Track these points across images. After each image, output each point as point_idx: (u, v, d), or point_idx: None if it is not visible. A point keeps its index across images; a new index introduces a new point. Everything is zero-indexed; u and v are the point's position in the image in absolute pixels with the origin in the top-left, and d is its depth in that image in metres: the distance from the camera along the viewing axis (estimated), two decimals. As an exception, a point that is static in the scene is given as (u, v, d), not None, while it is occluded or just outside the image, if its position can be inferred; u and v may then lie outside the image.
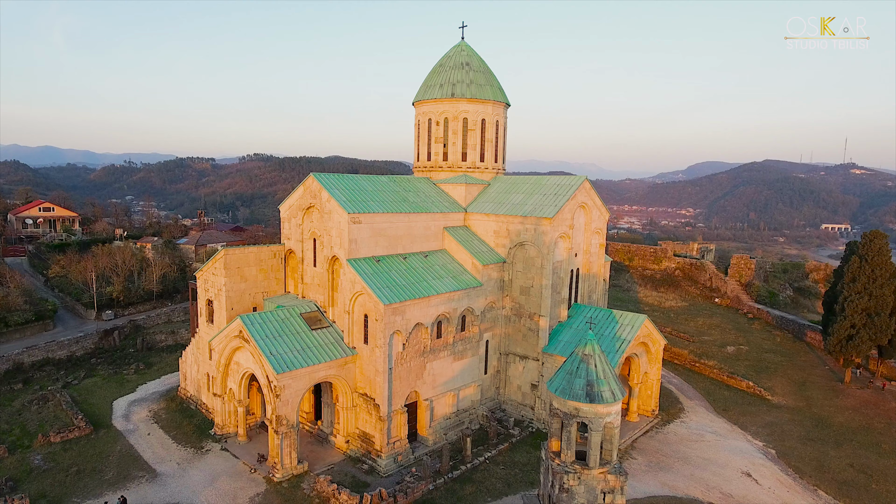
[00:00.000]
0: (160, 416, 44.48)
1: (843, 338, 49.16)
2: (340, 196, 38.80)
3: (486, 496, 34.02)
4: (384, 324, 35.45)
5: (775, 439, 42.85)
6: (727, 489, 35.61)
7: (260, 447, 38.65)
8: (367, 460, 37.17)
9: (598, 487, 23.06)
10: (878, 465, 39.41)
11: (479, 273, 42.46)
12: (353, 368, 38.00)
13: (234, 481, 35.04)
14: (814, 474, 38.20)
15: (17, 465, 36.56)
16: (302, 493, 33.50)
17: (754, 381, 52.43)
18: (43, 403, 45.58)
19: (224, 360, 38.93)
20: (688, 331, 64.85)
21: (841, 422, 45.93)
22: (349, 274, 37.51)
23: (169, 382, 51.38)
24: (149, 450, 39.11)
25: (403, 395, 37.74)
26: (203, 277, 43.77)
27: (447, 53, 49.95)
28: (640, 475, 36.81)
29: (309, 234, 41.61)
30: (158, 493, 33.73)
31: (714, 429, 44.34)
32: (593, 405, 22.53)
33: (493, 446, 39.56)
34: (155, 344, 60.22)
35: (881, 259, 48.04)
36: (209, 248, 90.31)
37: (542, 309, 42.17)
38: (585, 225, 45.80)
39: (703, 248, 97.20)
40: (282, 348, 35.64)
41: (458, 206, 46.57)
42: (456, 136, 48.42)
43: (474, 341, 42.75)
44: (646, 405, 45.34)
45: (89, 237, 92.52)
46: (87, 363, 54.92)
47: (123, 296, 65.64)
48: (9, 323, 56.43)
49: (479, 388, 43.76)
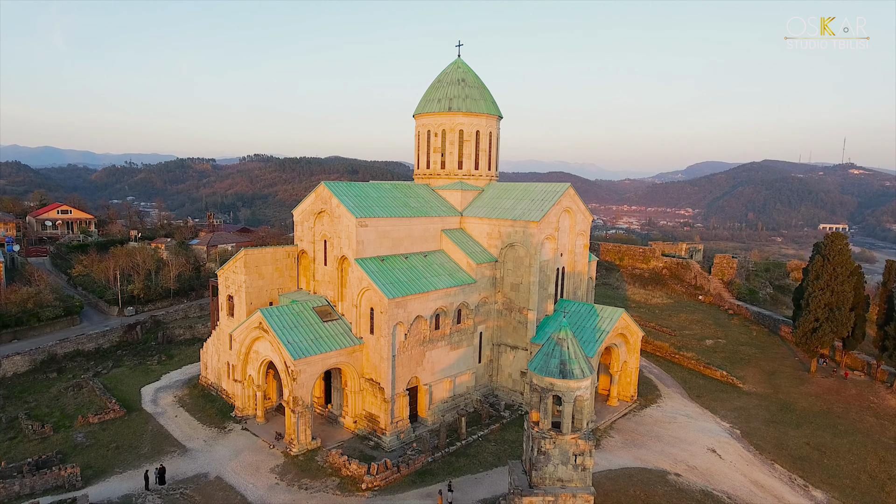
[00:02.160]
0: (185, 401, 49.09)
1: (808, 330, 53.60)
2: (349, 202, 43.38)
3: (479, 467, 38.58)
4: (388, 316, 40.01)
5: (741, 421, 47.39)
6: (693, 463, 40.13)
7: (277, 427, 43.23)
8: (372, 438, 41.75)
9: (570, 450, 27.60)
10: (832, 444, 43.91)
11: (473, 271, 47.00)
12: (360, 356, 42.57)
13: (255, 455, 39.62)
14: (773, 451, 42.73)
15: (63, 441, 41.19)
16: (316, 465, 38.08)
17: (728, 370, 56.98)
18: (77, 390, 50.21)
19: (244, 349, 43.48)
20: (670, 325, 69.37)
21: (804, 406, 50.43)
22: (357, 272, 42.07)
23: (190, 372, 55.99)
24: (177, 429, 43.73)
25: (405, 380, 42.30)
26: (224, 275, 48.36)
27: (444, 70, 54.50)
28: (616, 451, 41.37)
29: (320, 236, 46.17)
30: (190, 464, 38.32)
31: (687, 412, 48.90)
32: (566, 380, 27.10)
33: (485, 426, 44.13)
34: (174, 337, 64.84)
35: (841, 258, 52.50)
36: (220, 248, 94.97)
37: (530, 303, 46.73)
38: (570, 227, 50.33)
39: (692, 249, 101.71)
40: (297, 337, 40.20)
41: (454, 210, 51.12)
42: (453, 146, 52.98)
43: (469, 333, 47.31)
44: (625, 391, 49.85)
45: (105, 238, 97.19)
46: (113, 354, 59.61)
47: (143, 293, 70.30)
48: (41, 318, 61.08)
49: (474, 375, 48.34)
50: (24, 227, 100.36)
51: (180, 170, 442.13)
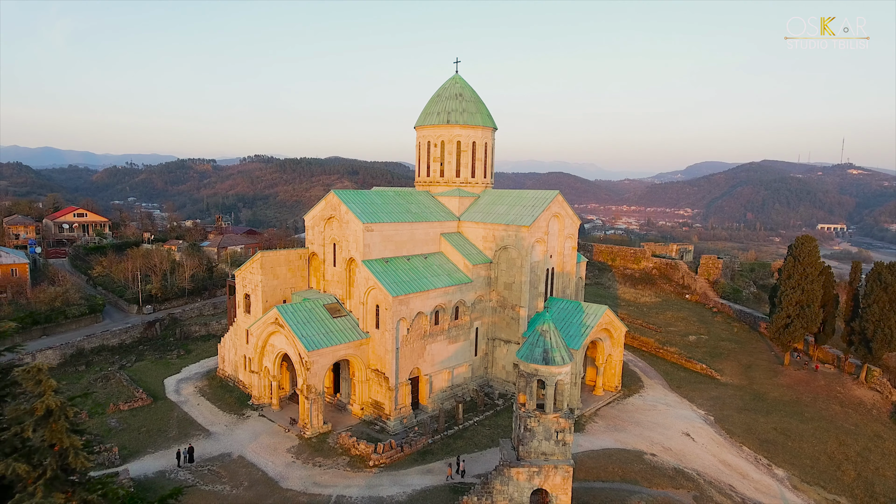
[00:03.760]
0: (205, 391, 53.43)
1: (781, 326, 57.83)
2: (356, 209, 47.69)
3: (474, 448, 42.87)
4: (392, 312, 44.31)
5: (716, 409, 51.64)
6: (668, 444, 44.39)
7: (291, 414, 47.52)
8: (378, 423, 46.06)
9: (552, 427, 31.77)
10: (797, 429, 48.15)
11: (469, 271, 51.29)
12: (366, 349, 46.88)
13: (272, 438, 43.94)
14: (742, 435, 46.98)
15: (98, 426, 45.51)
16: (328, 446, 42.40)
17: (708, 364, 61.21)
18: (106, 381, 54.57)
19: (261, 342, 47.79)
20: (657, 322, 73.61)
21: (775, 396, 54.67)
22: (363, 272, 46.38)
23: (207, 365, 60.32)
24: (200, 416, 48.06)
25: (408, 370, 46.61)
26: (241, 275, 52.70)
27: (443, 85, 58.78)
28: (599, 434, 45.63)
29: (329, 239, 50.48)
30: (214, 445, 42.66)
31: (666, 401, 53.15)
32: (548, 366, 31.27)
33: (480, 413, 48.44)
34: (191, 334, 69.22)
35: (811, 259, 56.73)
36: (230, 250, 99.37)
37: (522, 301, 51.00)
38: (559, 231, 54.59)
39: (682, 250, 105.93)
40: (310, 332, 44.52)
41: (452, 215, 55.41)
42: (451, 156, 57.27)
43: (466, 328, 51.60)
44: (610, 382, 54.10)
45: (120, 240, 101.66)
46: (135, 349, 63.99)
47: (161, 292, 74.67)
48: (67, 315, 65.48)
49: (471, 366, 52.65)
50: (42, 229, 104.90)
51: (181, 170, 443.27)
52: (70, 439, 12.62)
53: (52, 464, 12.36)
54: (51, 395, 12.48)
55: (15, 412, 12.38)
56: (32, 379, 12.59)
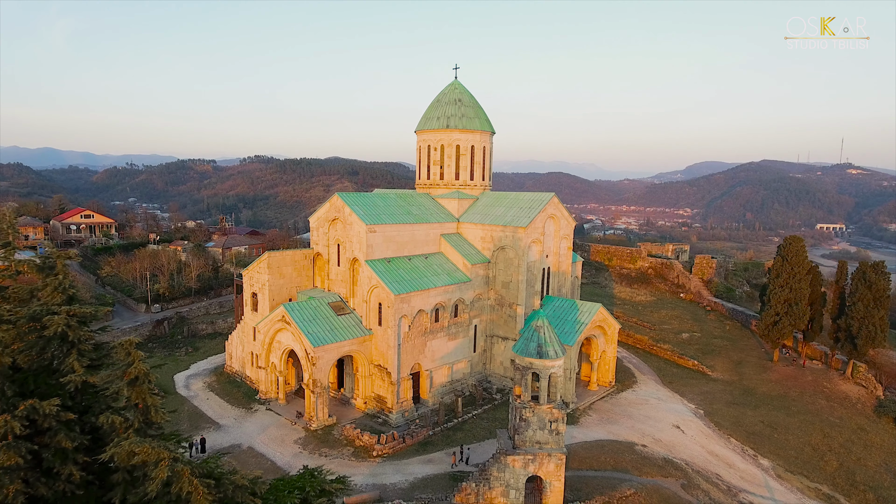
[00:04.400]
0: (214, 386, 55.43)
1: (770, 323, 59.76)
2: (359, 211, 49.67)
3: (472, 440, 44.82)
4: (394, 310, 46.28)
5: (706, 403, 53.60)
6: (658, 436, 46.34)
7: (297, 407, 49.50)
8: (381, 416, 48.04)
9: (546, 418, 33.72)
10: (783, 422, 50.10)
11: (468, 271, 53.27)
12: (369, 345, 48.86)
13: (280, 430, 45.93)
14: (730, 427, 48.93)
15: (113, 419, 47.48)
16: (333, 437, 44.38)
17: (700, 360, 63.18)
18: (118, 377, 56.49)
19: (268, 339, 49.77)
20: (651, 321, 75.57)
21: (764, 391, 56.62)
22: (367, 272, 48.36)
23: (215, 362, 62.33)
24: (210, 409, 50.06)
25: (409, 365, 48.58)
26: (249, 275, 54.68)
27: (443, 91, 60.76)
28: (592, 427, 47.59)
29: (334, 240, 52.45)
30: (224, 437, 44.66)
31: (658, 395, 55.12)
32: (542, 360, 33.20)
33: (479, 406, 50.41)
34: (198, 332, 71.24)
35: (799, 258, 58.64)
36: (234, 250, 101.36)
37: (519, 299, 52.97)
38: (555, 232, 56.56)
39: (678, 249, 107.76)
40: (315, 329, 46.49)
41: (451, 217, 57.38)
42: (450, 160, 59.25)
43: (465, 325, 53.57)
44: (604, 377, 56.06)
45: (126, 241, 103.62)
46: (145, 347, 65.97)
47: (168, 292, 76.66)
48: (79, 314, 67.34)
49: (469, 362, 54.63)
50: (50, 231, 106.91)
51: (181, 171, 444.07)
52: (152, 399, 15.36)
53: (138, 417, 15.10)
54: (139, 363, 15.19)
55: (109, 377, 14.87)
56: (124, 350, 15.34)
